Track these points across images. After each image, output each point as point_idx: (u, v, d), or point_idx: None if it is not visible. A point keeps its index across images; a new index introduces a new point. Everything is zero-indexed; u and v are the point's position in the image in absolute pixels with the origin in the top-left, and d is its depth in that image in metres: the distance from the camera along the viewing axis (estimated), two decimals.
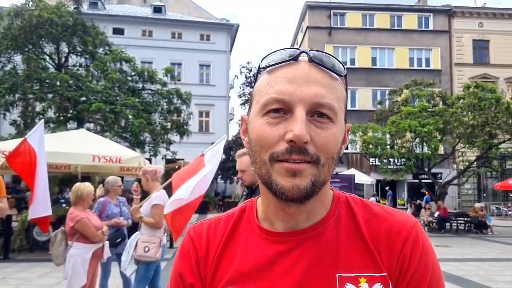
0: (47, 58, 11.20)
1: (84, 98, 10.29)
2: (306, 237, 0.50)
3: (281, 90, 0.46)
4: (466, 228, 11.42)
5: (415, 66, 19.82)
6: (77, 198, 2.86)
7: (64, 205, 6.95)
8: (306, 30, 20.22)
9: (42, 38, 10.44)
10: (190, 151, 15.37)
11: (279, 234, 0.51)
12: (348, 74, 0.51)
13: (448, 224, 11.42)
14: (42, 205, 3.53)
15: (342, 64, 0.50)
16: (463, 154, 12.68)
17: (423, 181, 14.04)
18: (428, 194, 13.24)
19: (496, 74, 19.30)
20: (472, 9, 20.39)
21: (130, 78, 11.73)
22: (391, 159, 12.96)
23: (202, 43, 20.71)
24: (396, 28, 20.15)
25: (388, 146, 12.45)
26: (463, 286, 4.78)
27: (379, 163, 13.38)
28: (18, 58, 10.62)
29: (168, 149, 12.11)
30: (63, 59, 11.30)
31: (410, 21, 20.22)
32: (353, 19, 20.04)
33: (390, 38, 19.88)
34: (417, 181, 15.03)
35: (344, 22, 20.06)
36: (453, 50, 19.89)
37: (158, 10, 21.09)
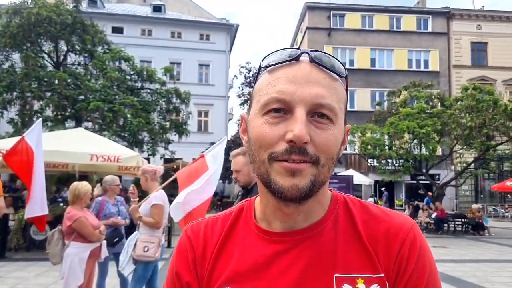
0: (46, 56, 11.15)
1: (82, 97, 10.25)
2: (304, 237, 0.50)
3: (281, 90, 0.46)
4: (464, 229, 11.46)
5: (414, 68, 19.88)
6: (74, 197, 2.85)
7: (61, 204, 6.93)
8: (305, 31, 20.25)
9: (40, 36, 10.38)
10: (188, 151, 15.43)
11: (277, 234, 0.51)
12: (347, 75, 0.51)
13: (445, 225, 11.45)
14: (39, 204, 3.52)
15: (342, 65, 0.50)
16: (461, 156, 12.73)
17: (421, 182, 14.09)
18: (429, 195, 13.11)
19: (494, 76, 19.40)
20: (470, 11, 20.48)
21: (129, 77, 11.69)
22: (389, 160, 13.00)
23: (201, 43, 20.69)
24: (395, 29, 20.21)
25: (386, 147, 12.48)
26: (460, 287, 4.81)
27: (378, 164, 13.42)
28: (16, 56, 10.56)
29: (166, 148, 12.08)
30: (62, 58, 11.24)
31: (409, 23, 20.29)
32: (352, 20, 20.08)
33: (389, 40, 19.94)
34: (415, 182, 15.08)
35: (343, 23, 20.09)
36: (451, 52, 19.98)
37: (157, 9, 21.06)
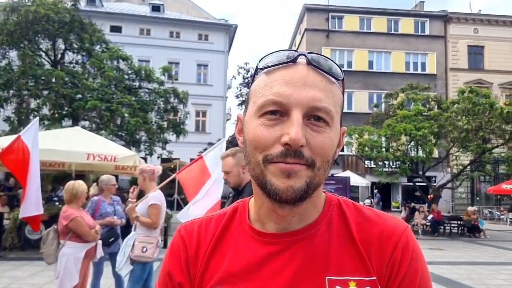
0: (43, 54, 11.07)
1: (79, 96, 10.18)
2: (298, 239, 0.50)
3: (278, 92, 0.46)
4: (459, 231, 11.51)
5: (411, 70, 20.01)
6: (72, 196, 2.82)
7: (57, 203, 6.87)
8: (304, 32, 20.30)
9: (38, 34, 10.32)
10: (186, 151, 15.41)
11: (271, 235, 0.51)
12: (345, 77, 0.51)
13: (441, 227, 11.51)
14: (34, 203, 3.49)
15: (339, 67, 0.49)
16: (457, 158, 12.81)
17: (418, 184, 14.16)
18: (430, 198, 12.78)
19: (490, 79, 19.57)
20: (467, 15, 20.66)
21: (127, 76, 11.64)
22: (386, 162, 13.04)
23: (200, 43, 20.67)
24: (393, 32, 20.32)
25: (383, 149, 12.53)
26: None
27: (375, 166, 13.47)
28: (13, 54, 10.47)
29: (164, 148, 12.04)
30: (59, 56, 11.17)
31: (406, 25, 20.43)
32: (350, 23, 20.17)
33: (387, 42, 20.05)
34: (411, 184, 15.14)
35: (342, 25, 20.18)
36: (448, 55, 20.13)
37: (156, 8, 21.01)
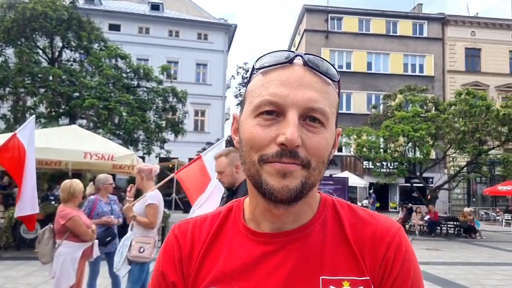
0: (40, 52, 10.99)
1: (77, 94, 10.12)
2: (292, 239, 0.50)
3: (274, 93, 0.46)
4: (456, 232, 11.58)
5: (409, 72, 20.11)
6: (69, 195, 2.80)
7: (53, 202, 6.83)
8: (303, 33, 20.33)
9: (35, 32, 10.25)
10: (184, 150, 15.37)
11: (265, 235, 0.51)
12: (343, 78, 0.52)
13: (438, 228, 11.58)
14: (29, 202, 3.46)
15: (336, 69, 0.50)
16: (454, 160, 12.89)
17: (415, 185, 14.24)
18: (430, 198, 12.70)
19: (487, 82, 19.71)
20: (465, 18, 20.80)
21: (125, 75, 11.60)
22: (384, 163, 13.10)
23: (199, 42, 20.64)
24: (391, 34, 20.42)
25: (381, 150, 12.58)
26: None
27: (373, 166, 13.52)
28: (10, 51, 10.39)
29: (162, 147, 12.00)
30: (57, 54, 11.10)
31: (405, 27, 20.52)
32: (349, 24, 20.23)
33: (385, 44, 20.13)
34: (409, 185, 15.22)
35: (341, 27, 20.23)
36: (446, 57, 20.26)
37: (155, 7, 20.94)
